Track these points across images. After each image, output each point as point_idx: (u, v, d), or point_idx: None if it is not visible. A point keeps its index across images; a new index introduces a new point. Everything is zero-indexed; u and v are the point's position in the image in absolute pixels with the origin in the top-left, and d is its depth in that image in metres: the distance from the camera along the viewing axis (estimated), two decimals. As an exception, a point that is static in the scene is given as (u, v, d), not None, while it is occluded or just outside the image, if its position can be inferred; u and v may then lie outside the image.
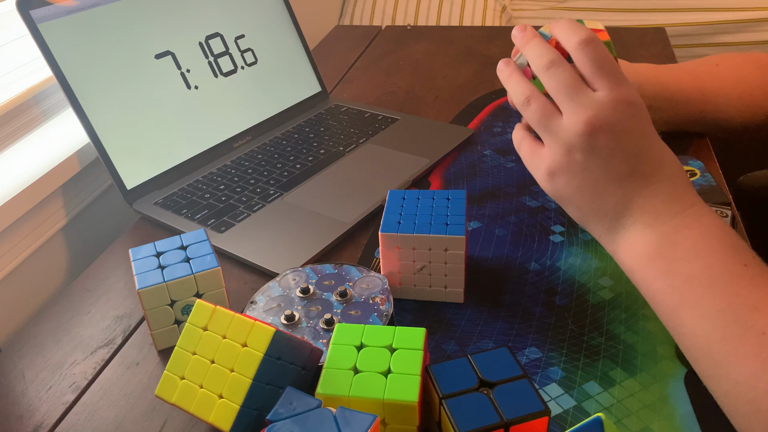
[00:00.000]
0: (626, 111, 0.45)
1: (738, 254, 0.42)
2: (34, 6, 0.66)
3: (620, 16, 1.64)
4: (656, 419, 0.43)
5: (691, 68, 0.69)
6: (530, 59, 0.49)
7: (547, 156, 0.48)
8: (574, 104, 0.46)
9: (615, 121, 0.45)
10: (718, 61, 0.69)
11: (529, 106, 0.48)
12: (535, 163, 0.49)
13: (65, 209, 0.73)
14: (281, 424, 0.36)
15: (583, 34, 0.46)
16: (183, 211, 0.69)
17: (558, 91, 0.46)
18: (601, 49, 0.46)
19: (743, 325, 0.38)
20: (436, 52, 1.11)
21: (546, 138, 0.48)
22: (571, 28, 0.48)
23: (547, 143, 0.48)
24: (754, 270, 0.41)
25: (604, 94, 0.45)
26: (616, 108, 0.45)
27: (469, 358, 0.42)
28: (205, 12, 0.82)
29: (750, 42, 1.56)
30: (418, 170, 0.73)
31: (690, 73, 0.68)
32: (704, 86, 0.68)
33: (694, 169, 0.68)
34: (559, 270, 0.58)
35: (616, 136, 0.45)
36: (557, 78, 0.46)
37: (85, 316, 0.58)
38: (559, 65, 0.47)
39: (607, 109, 0.45)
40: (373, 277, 0.54)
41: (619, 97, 0.45)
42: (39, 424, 0.48)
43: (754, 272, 0.41)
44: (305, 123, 0.87)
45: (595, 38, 0.47)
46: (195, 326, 0.43)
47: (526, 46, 0.49)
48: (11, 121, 0.70)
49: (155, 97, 0.75)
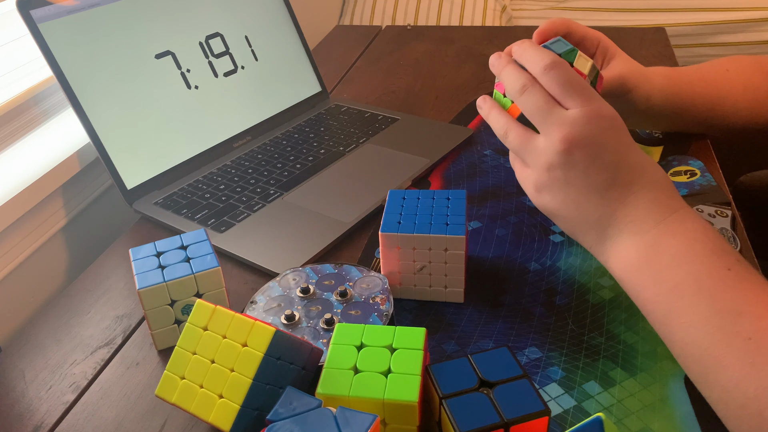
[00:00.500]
0: (600, 124, 0.47)
1: (722, 258, 0.42)
2: (34, 6, 0.66)
3: (620, 16, 1.64)
4: (656, 419, 0.43)
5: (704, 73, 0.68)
6: (505, 86, 0.51)
7: (531, 175, 0.50)
8: (549, 124, 0.47)
9: (590, 136, 0.46)
10: (729, 66, 0.69)
11: (508, 137, 0.51)
12: (524, 182, 0.51)
13: (65, 209, 0.73)
14: (281, 424, 0.36)
15: (546, 60, 0.48)
16: (183, 211, 0.69)
17: (533, 113, 0.48)
18: (566, 70, 0.48)
19: (729, 331, 0.39)
20: (436, 52, 1.11)
21: (528, 160, 0.50)
22: (533, 55, 0.49)
23: (530, 164, 0.50)
24: (738, 274, 0.41)
25: (576, 111, 0.47)
26: (589, 123, 0.46)
27: (469, 358, 0.42)
28: (206, 12, 0.82)
29: (750, 42, 1.56)
30: (418, 170, 0.73)
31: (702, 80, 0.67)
32: (714, 92, 0.68)
33: (694, 169, 0.68)
34: (559, 270, 0.58)
35: (593, 149, 0.46)
36: (530, 101, 0.48)
37: (85, 316, 0.58)
38: (530, 88, 0.48)
39: (580, 124, 0.46)
40: (373, 277, 0.54)
41: (591, 113, 0.47)
42: (39, 424, 0.48)
43: (738, 276, 0.41)
44: (305, 123, 0.87)
45: (559, 61, 0.48)
46: (195, 326, 0.43)
47: (502, 73, 0.51)
48: (11, 121, 0.70)
49: (155, 97, 0.75)
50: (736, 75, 0.69)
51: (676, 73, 0.67)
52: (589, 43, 0.62)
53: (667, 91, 0.65)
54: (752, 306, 0.39)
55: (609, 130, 0.47)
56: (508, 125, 0.51)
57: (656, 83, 0.64)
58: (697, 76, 0.68)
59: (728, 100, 0.68)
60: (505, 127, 0.51)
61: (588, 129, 0.46)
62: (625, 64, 0.62)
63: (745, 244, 0.57)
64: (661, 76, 0.65)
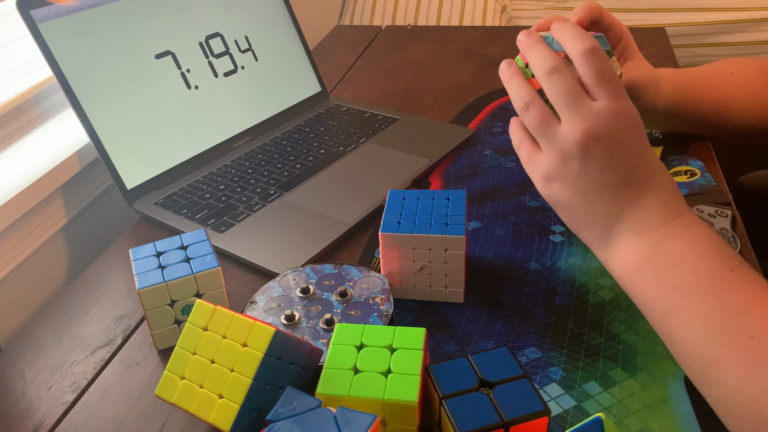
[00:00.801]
0: (623, 123, 0.46)
1: (725, 260, 0.42)
2: (34, 6, 0.66)
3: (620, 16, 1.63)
4: (656, 419, 0.43)
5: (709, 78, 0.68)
6: (532, 64, 0.49)
7: (543, 161, 0.49)
8: (573, 113, 0.46)
9: (612, 133, 0.46)
10: (733, 70, 0.69)
11: (528, 112, 0.49)
12: (532, 167, 0.50)
13: (65, 209, 0.73)
14: (281, 424, 0.36)
15: (588, 44, 0.47)
16: (183, 211, 0.69)
17: (558, 97, 0.47)
18: (604, 60, 0.47)
19: (731, 330, 0.39)
20: (436, 52, 1.11)
21: (543, 144, 0.48)
22: (575, 35, 0.48)
23: (544, 149, 0.48)
24: (740, 275, 0.41)
25: (604, 105, 0.46)
26: (615, 119, 0.46)
27: (469, 358, 0.42)
28: (206, 12, 0.82)
29: (750, 42, 1.56)
30: (418, 170, 0.73)
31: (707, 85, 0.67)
32: (718, 97, 0.68)
33: (695, 169, 0.68)
34: (559, 270, 0.58)
35: (612, 147, 0.46)
36: (558, 85, 0.47)
37: (85, 316, 0.58)
38: (560, 72, 0.47)
39: (605, 119, 0.46)
40: (373, 277, 0.54)
41: (617, 109, 0.46)
42: (39, 424, 0.48)
43: (741, 277, 0.41)
44: (305, 123, 0.87)
45: (599, 48, 0.47)
46: (195, 326, 0.43)
47: (529, 51, 0.50)
48: (11, 121, 0.70)
49: (155, 97, 0.75)
50: (741, 80, 0.69)
51: (682, 79, 0.66)
52: (612, 36, 0.61)
53: (672, 98, 0.65)
54: (755, 306, 0.39)
55: (630, 130, 0.46)
56: (531, 99, 0.49)
57: (664, 90, 0.64)
58: (703, 81, 0.67)
59: (732, 104, 0.68)
60: (527, 98, 0.49)
61: (612, 126, 0.46)
62: (639, 70, 0.61)
63: (745, 244, 0.57)
64: (669, 84, 0.65)
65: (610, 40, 0.61)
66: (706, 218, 0.59)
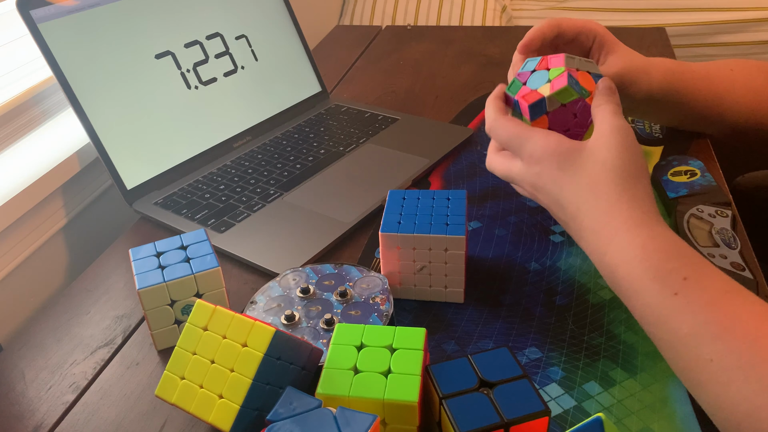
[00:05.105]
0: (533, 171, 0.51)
1: (666, 284, 0.41)
2: (34, 6, 0.66)
3: (620, 16, 1.64)
4: (656, 419, 0.43)
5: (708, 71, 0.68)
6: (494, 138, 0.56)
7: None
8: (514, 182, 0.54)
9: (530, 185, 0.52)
10: (733, 66, 0.69)
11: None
12: None
13: (65, 209, 0.73)
14: (281, 424, 0.36)
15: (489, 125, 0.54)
16: (183, 211, 0.69)
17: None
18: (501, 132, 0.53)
19: (693, 356, 0.39)
20: (436, 52, 1.11)
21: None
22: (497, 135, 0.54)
23: None
24: (685, 296, 0.41)
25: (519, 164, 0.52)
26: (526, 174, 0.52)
27: (469, 358, 0.42)
28: (205, 12, 0.82)
29: (750, 42, 1.56)
30: (418, 170, 0.73)
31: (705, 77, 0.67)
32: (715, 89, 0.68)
33: (694, 169, 0.68)
34: (559, 270, 0.58)
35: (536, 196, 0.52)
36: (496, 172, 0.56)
37: (85, 316, 0.58)
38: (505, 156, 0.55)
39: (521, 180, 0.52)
40: (373, 277, 0.54)
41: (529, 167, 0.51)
42: (39, 424, 0.48)
43: (686, 299, 0.41)
44: (305, 123, 0.87)
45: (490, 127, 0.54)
46: (195, 326, 0.43)
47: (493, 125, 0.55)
48: (11, 121, 0.70)
49: (155, 97, 0.75)
50: (740, 75, 0.69)
51: (679, 67, 0.67)
52: (584, 39, 0.62)
53: (668, 85, 0.65)
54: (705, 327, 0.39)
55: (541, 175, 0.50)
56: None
57: (656, 77, 0.64)
58: (701, 72, 0.68)
59: (728, 98, 0.68)
60: None
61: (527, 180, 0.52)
62: (623, 60, 0.62)
63: (745, 244, 0.57)
64: (662, 70, 0.65)
65: (583, 44, 0.63)
66: (706, 218, 0.59)
